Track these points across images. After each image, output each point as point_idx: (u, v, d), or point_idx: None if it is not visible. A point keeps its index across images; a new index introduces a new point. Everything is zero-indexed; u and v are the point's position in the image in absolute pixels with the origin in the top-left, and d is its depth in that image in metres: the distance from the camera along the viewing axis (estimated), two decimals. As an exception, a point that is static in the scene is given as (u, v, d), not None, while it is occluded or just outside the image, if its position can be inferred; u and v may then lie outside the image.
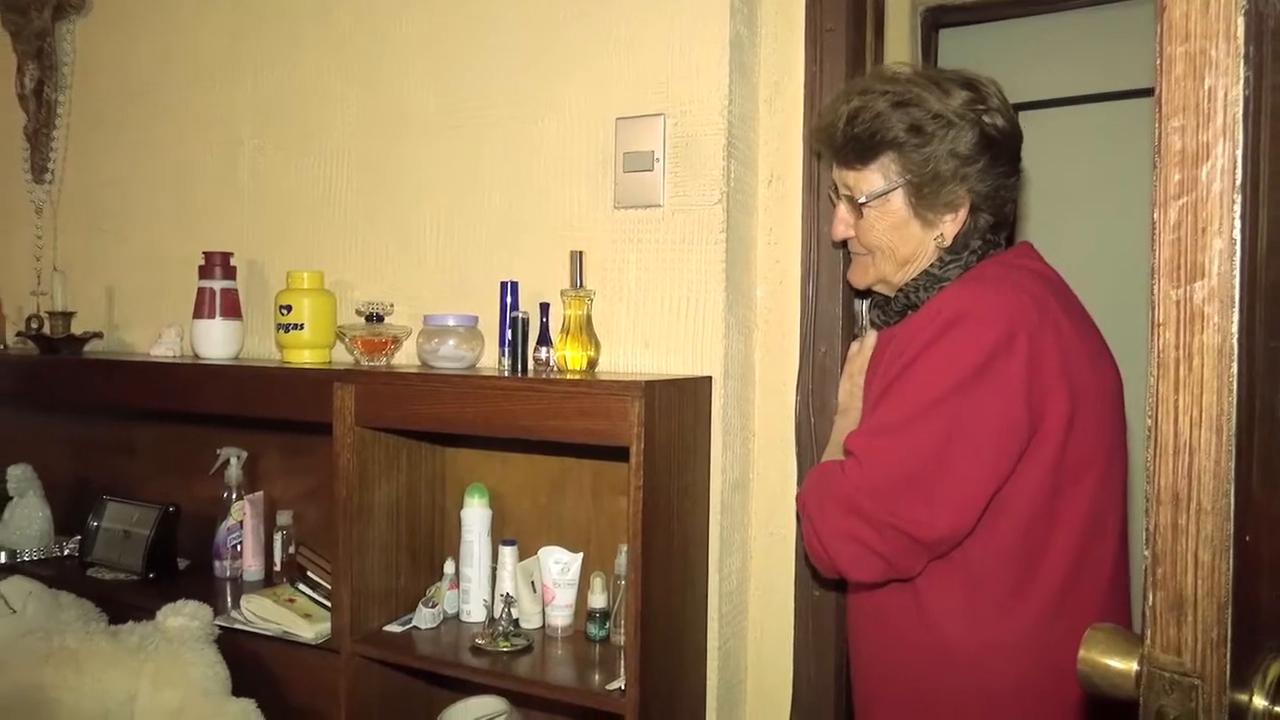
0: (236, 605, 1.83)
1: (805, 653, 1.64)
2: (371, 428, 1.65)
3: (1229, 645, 0.59)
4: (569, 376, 1.53)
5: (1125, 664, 0.65)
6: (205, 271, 1.97)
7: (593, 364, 1.61)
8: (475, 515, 1.71)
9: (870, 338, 1.44)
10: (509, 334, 1.63)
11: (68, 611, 1.92)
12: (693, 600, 1.55)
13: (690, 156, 1.60)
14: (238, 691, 1.77)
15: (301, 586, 1.81)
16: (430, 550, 1.82)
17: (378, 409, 1.61)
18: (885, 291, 1.40)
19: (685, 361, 1.62)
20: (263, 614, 1.76)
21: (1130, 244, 2.63)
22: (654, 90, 1.64)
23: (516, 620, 1.64)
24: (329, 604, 1.73)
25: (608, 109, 1.68)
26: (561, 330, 1.62)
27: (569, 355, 1.60)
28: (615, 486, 1.68)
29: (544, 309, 1.64)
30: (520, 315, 1.63)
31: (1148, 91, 2.66)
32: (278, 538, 1.98)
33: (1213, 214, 0.59)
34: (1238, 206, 0.58)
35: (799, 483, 1.61)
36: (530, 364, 1.62)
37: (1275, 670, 0.66)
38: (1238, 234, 0.58)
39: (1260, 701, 0.63)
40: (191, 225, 2.19)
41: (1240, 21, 0.58)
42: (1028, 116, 1.41)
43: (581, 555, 1.66)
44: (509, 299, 1.67)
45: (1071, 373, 1.18)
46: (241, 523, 2.01)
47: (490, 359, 1.74)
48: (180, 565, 2.11)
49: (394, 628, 1.69)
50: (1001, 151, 1.29)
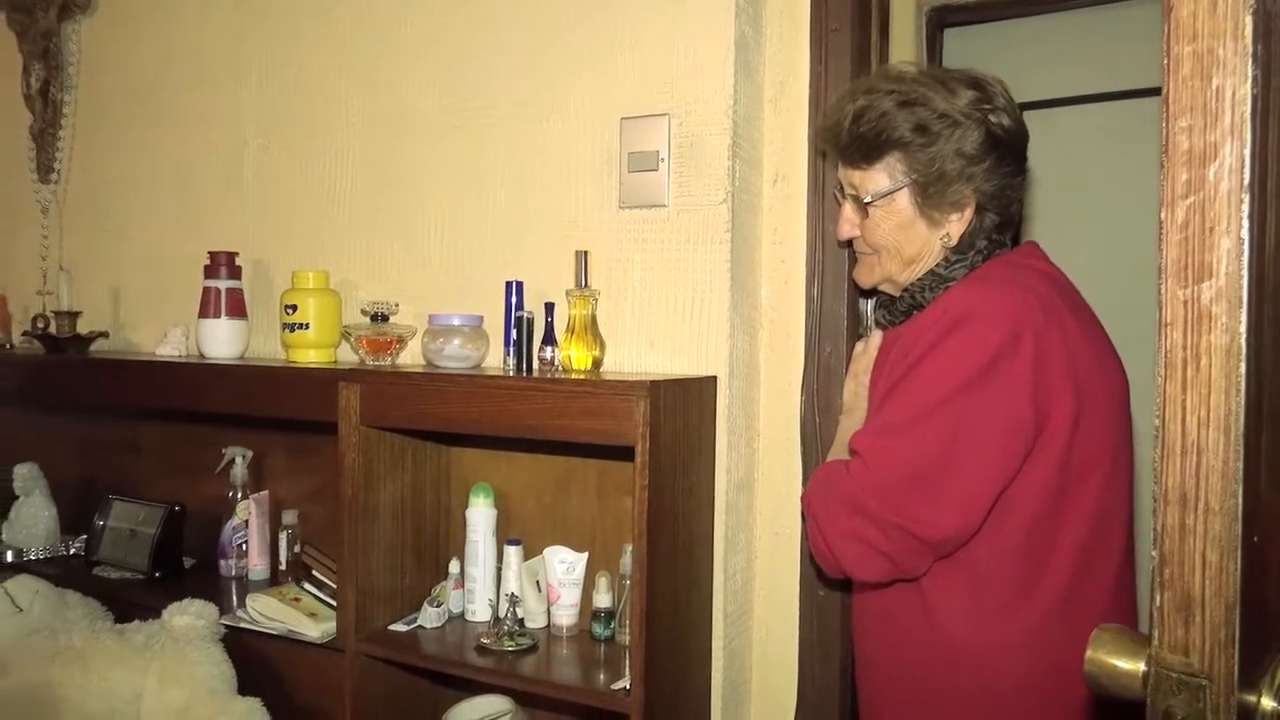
0: (242, 604, 1.83)
1: (810, 652, 1.64)
2: (377, 427, 1.65)
3: (1237, 646, 0.59)
4: (574, 376, 1.54)
5: (1132, 664, 0.64)
6: (210, 271, 1.98)
7: (598, 364, 1.61)
8: (480, 515, 1.72)
9: (875, 337, 1.44)
10: (514, 334, 1.64)
11: (74, 610, 1.93)
12: (698, 600, 1.55)
13: (695, 156, 1.60)
14: (243, 690, 1.78)
15: (307, 585, 1.82)
16: (435, 550, 1.82)
17: (383, 408, 1.61)
18: (891, 291, 1.40)
19: (690, 361, 1.62)
20: (268, 613, 1.76)
21: (1136, 243, 2.61)
22: (659, 90, 1.64)
23: (521, 620, 1.64)
24: (334, 603, 1.73)
25: (612, 109, 1.68)
26: (566, 330, 1.62)
27: (574, 355, 1.60)
28: (620, 486, 1.68)
29: (549, 309, 1.64)
30: (525, 315, 1.63)
31: (1153, 91, 2.67)
32: (283, 537, 1.99)
33: (1220, 213, 0.59)
34: (1245, 206, 0.58)
35: (804, 482, 1.61)
36: (535, 364, 1.63)
37: (1283, 671, 0.65)
38: (1245, 233, 0.58)
39: (1269, 702, 0.63)
40: (197, 225, 2.20)
41: (1248, 20, 0.58)
42: (1033, 116, 1.41)
43: (586, 555, 1.66)
44: (514, 299, 1.67)
45: (1077, 373, 1.18)
46: (247, 522, 2.01)
47: (495, 359, 1.74)
48: (186, 564, 2.12)
49: (399, 627, 1.69)
50: (1007, 151, 1.29)
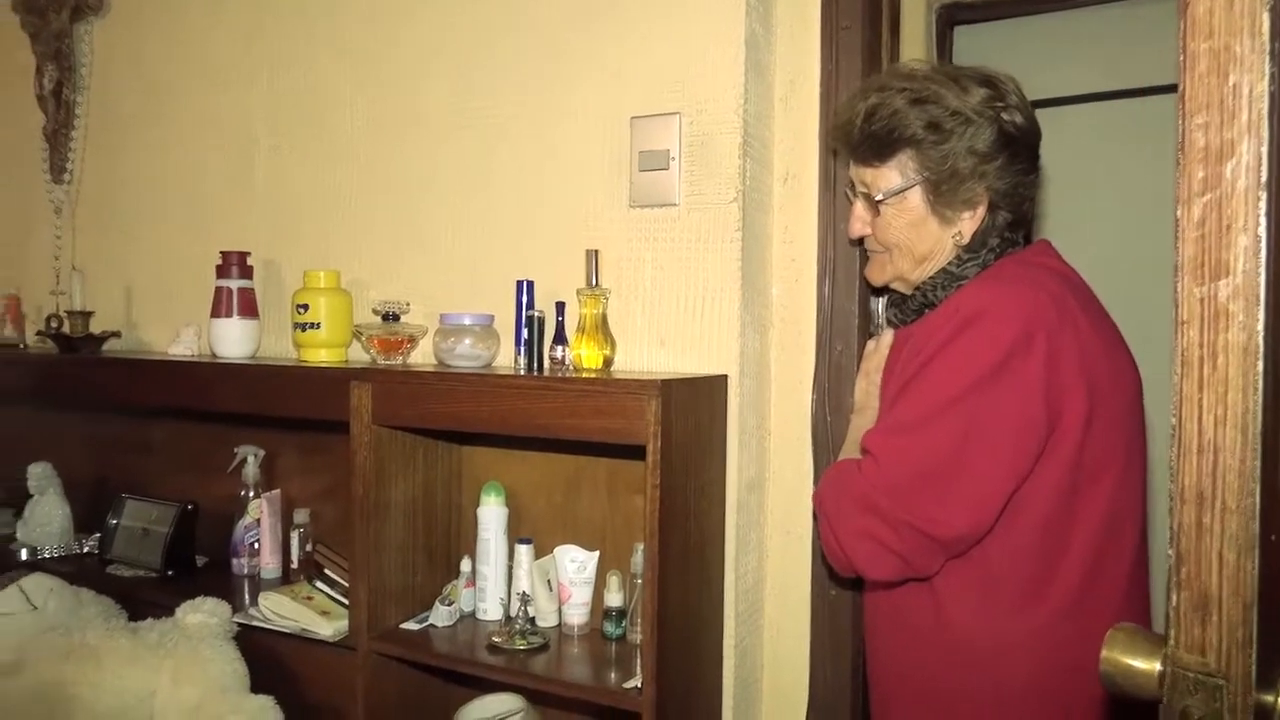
0: (254, 602, 1.84)
1: (822, 651, 1.64)
2: (388, 426, 1.65)
3: (1255, 645, 0.59)
4: (585, 375, 1.54)
5: (1148, 664, 0.64)
6: (222, 271, 1.99)
7: (608, 363, 1.61)
8: (491, 513, 1.72)
9: (887, 336, 1.44)
10: (525, 333, 1.64)
11: (88, 608, 1.94)
12: (709, 599, 1.55)
13: (705, 155, 1.60)
14: (256, 688, 1.79)
15: (319, 584, 1.82)
16: (447, 548, 1.82)
17: (394, 407, 1.62)
18: (902, 289, 1.39)
19: (701, 360, 1.62)
20: (281, 611, 1.77)
21: (1149, 241, 2.61)
22: (669, 89, 1.64)
23: (533, 618, 1.64)
24: (346, 601, 1.74)
25: (623, 108, 1.68)
26: (577, 329, 1.62)
27: (585, 354, 1.60)
28: (631, 485, 1.68)
29: (560, 308, 1.64)
30: (536, 314, 1.63)
31: (1164, 88, 2.66)
32: (295, 535, 1.99)
33: (1237, 211, 0.59)
34: (1263, 203, 0.58)
35: (815, 481, 1.61)
36: (546, 363, 1.63)
37: (1301, 671, 0.65)
38: (1263, 231, 0.58)
39: (1287, 702, 0.63)
40: (208, 225, 2.21)
41: (1265, 17, 0.58)
42: (1045, 114, 1.40)
43: (597, 554, 1.66)
44: (524, 298, 1.67)
45: (1090, 371, 1.18)
46: (259, 521, 2.02)
47: (506, 358, 1.74)
48: (198, 563, 2.13)
49: (411, 625, 1.70)
50: (1020, 149, 1.29)
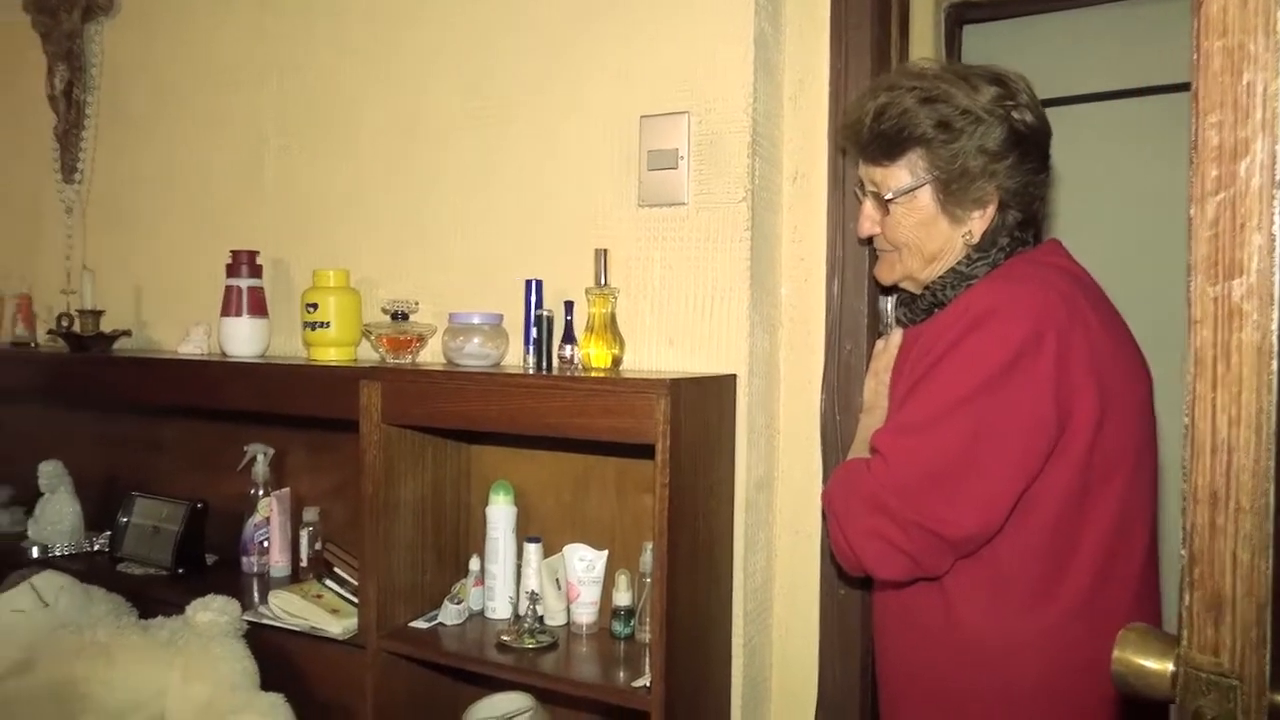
0: (264, 601, 1.85)
1: (830, 651, 1.64)
2: (397, 425, 1.66)
3: (1269, 646, 0.58)
4: (594, 374, 1.54)
5: (1161, 664, 0.64)
6: (232, 270, 1.99)
7: (617, 362, 1.61)
8: (500, 512, 1.72)
9: (896, 335, 1.43)
10: (534, 332, 1.64)
11: (99, 606, 1.95)
12: (718, 598, 1.55)
13: (715, 154, 1.60)
14: (266, 686, 1.80)
15: (328, 582, 1.83)
16: (456, 547, 1.83)
17: (403, 406, 1.62)
18: (912, 289, 1.39)
19: (710, 359, 1.62)
20: (291, 609, 1.78)
21: (1159, 240, 2.60)
22: (678, 88, 1.64)
23: (541, 617, 1.65)
24: (356, 600, 1.74)
25: (632, 107, 1.68)
26: (586, 328, 1.62)
27: (593, 353, 1.60)
28: (639, 484, 1.68)
29: (568, 307, 1.64)
30: (545, 313, 1.63)
31: (1174, 87, 2.65)
32: (304, 534, 2.00)
33: (1251, 209, 0.59)
34: (1277, 202, 0.58)
35: (824, 481, 1.61)
36: (555, 362, 1.63)
37: (1315, 671, 0.65)
38: (1277, 229, 0.58)
39: (1300, 703, 0.63)
40: (218, 224, 2.22)
41: (1279, 15, 0.57)
42: (1055, 112, 1.40)
43: (606, 552, 1.67)
44: (533, 297, 1.67)
45: (1100, 371, 1.17)
46: (269, 519, 2.03)
47: (515, 357, 1.75)
48: (208, 561, 2.14)
49: (420, 624, 1.70)
50: (1030, 148, 1.28)
